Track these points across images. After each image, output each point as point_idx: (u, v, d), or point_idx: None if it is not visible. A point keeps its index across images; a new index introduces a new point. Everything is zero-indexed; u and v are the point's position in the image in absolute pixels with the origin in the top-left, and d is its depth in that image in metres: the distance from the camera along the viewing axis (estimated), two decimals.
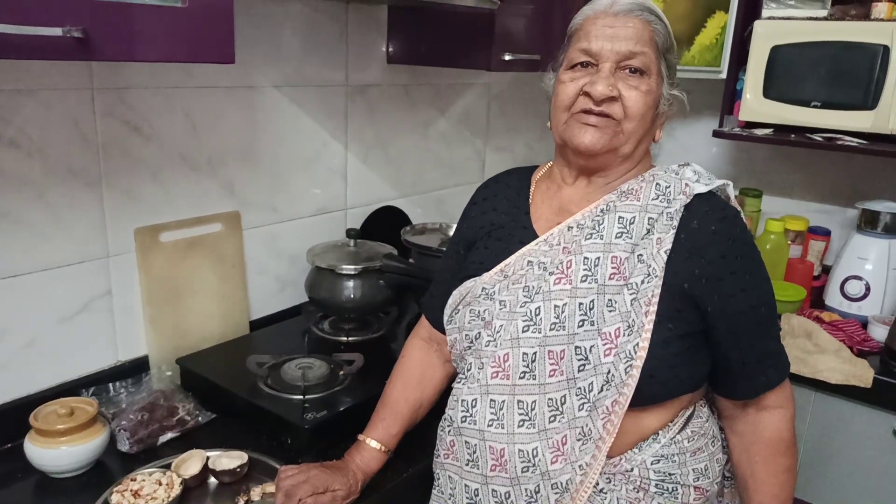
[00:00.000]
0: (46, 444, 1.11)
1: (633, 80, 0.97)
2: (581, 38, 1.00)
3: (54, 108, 1.20)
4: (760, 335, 1.00)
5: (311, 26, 1.60)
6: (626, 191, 1.02)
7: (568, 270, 0.99)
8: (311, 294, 1.58)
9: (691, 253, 0.96)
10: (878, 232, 1.87)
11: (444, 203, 2.12)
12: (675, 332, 0.95)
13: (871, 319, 1.81)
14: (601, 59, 0.98)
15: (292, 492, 1.05)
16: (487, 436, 1.00)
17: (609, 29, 0.97)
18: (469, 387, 1.03)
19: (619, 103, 0.97)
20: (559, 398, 0.97)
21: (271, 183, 1.60)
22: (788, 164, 2.25)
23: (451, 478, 1.06)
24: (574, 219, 1.03)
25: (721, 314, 0.96)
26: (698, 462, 1.01)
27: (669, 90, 1.02)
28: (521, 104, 2.31)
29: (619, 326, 0.94)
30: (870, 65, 1.74)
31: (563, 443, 0.96)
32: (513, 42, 1.62)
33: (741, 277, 0.96)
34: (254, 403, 1.26)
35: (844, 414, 1.66)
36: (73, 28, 0.85)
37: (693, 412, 1.04)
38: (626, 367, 0.93)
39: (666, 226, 0.96)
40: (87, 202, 1.28)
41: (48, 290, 1.25)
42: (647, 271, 0.95)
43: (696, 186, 0.99)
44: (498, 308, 1.02)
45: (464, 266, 1.12)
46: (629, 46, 0.97)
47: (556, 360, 0.97)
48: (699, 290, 0.95)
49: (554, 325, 0.97)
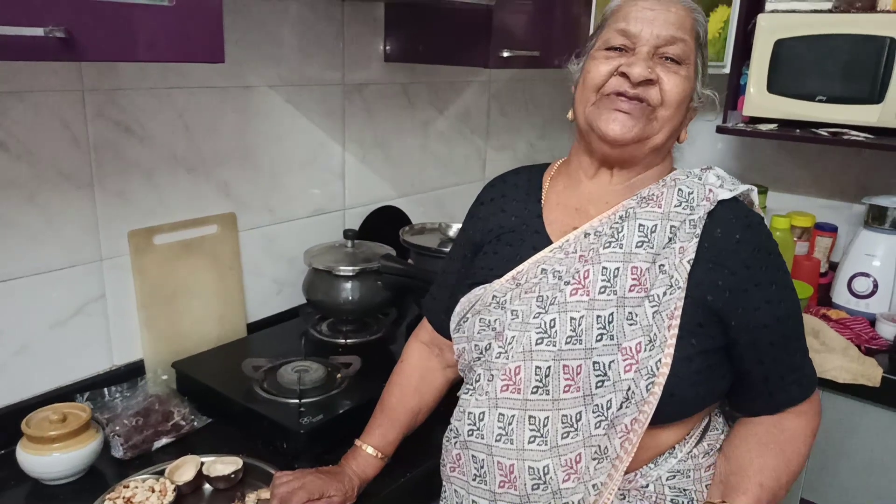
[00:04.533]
0: (38, 451, 1.10)
1: (671, 66, 0.93)
2: (619, 20, 0.95)
3: (44, 111, 1.19)
4: (785, 349, 0.95)
5: (307, 25, 1.58)
6: (646, 196, 0.97)
7: (585, 281, 0.94)
8: (309, 296, 1.56)
9: (715, 263, 0.92)
10: (885, 228, 1.84)
11: (445, 202, 2.10)
12: (697, 348, 0.90)
13: (879, 317, 1.78)
14: (639, 41, 0.92)
15: (287, 498, 1.03)
16: (495, 451, 0.95)
17: (650, 12, 0.93)
18: (477, 398, 0.98)
19: (656, 88, 0.92)
20: (574, 415, 0.91)
21: (268, 184, 1.58)
22: (794, 160, 2.22)
23: (458, 492, 1.02)
24: (591, 225, 0.98)
25: (744, 328, 0.92)
26: (712, 477, 0.98)
27: (702, 87, 0.98)
28: (521, 102, 2.28)
29: (641, 341, 0.89)
30: (876, 57, 1.71)
31: (577, 461, 0.91)
32: (511, 38, 1.59)
33: (766, 289, 0.92)
34: (249, 408, 1.24)
35: (852, 413, 1.64)
36: (56, 28, 0.83)
37: (709, 423, 1.00)
38: (647, 385, 0.88)
39: (689, 234, 0.92)
40: (79, 205, 1.26)
41: (41, 295, 1.24)
42: (669, 282, 0.90)
43: (719, 192, 0.94)
44: (510, 318, 0.97)
45: (471, 271, 1.07)
46: (671, 31, 0.92)
47: (572, 375, 0.92)
48: (722, 302, 0.91)
49: (570, 338, 0.92)
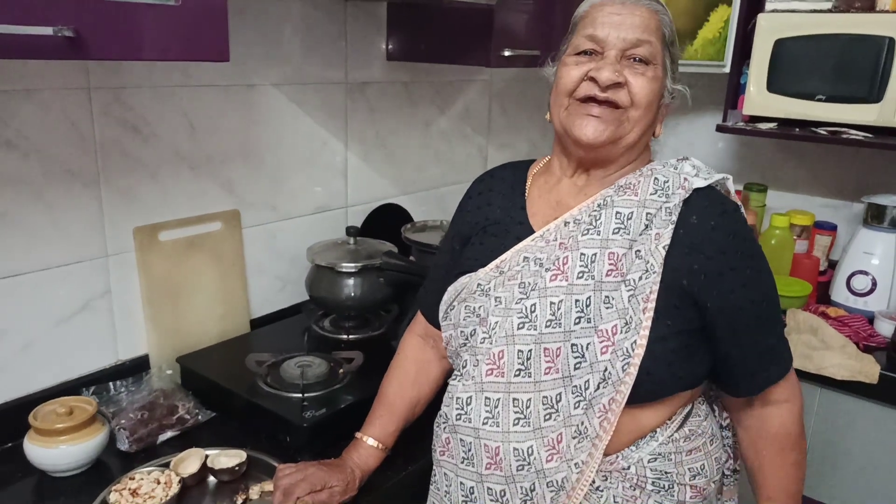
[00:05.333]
0: (46, 444, 1.12)
1: (639, 68, 0.95)
2: (587, 25, 0.98)
3: (51, 109, 1.21)
4: (761, 331, 0.98)
5: (310, 24, 1.59)
6: (623, 185, 1.00)
7: (564, 267, 0.97)
8: (312, 292, 1.58)
9: (690, 249, 0.94)
10: (884, 226, 1.86)
11: (446, 200, 2.11)
12: (672, 329, 0.93)
13: (877, 315, 1.79)
14: (607, 46, 0.96)
15: (290, 490, 1.05)
16: (482, 434, 0.99)
17: (616, 16, 0.96)
18: (464, 384, 1.02)
19: (625, 90, 0.95)
20: (554, 396, 0.95)
21: (271, 181, 1.60)
22: (793, 159, 2.23)
23: (447, 475, 1.05)
24: (571, 214, 1.01)
25: (720, 311, 0.95)
26: (694, 461, 1.00)
27: (672, 84, 1.01)
28: (523, 101, 2.30)
29: (617, 324, 0.93)
30: (875, 57, 1.72)
31: (559, 441, 0.95)
32: (512, 38, 1.61)
33: (741, 273, 0.95)
34: (253, 402, 1.25)
35: (851, 410, 1.65)
36: (64, 27, 0.84)
37: (691, 410, 1.02)
38: (623, 365, 0.92)
39: (664, 221, 0.95)
40: (86, 202, 1.28)
41: (47, 291, 1.26)
42: (644, 267, 0.93)
43: (694, 181, 0.97)
44: (493, 304, 1.01)
45: (459, 262, 1.10)
46: (636, 34, 0.95)
47: (552, 357, 0.95)
48: (698, 286, 0.94)
49: (550, 322, 0.96)
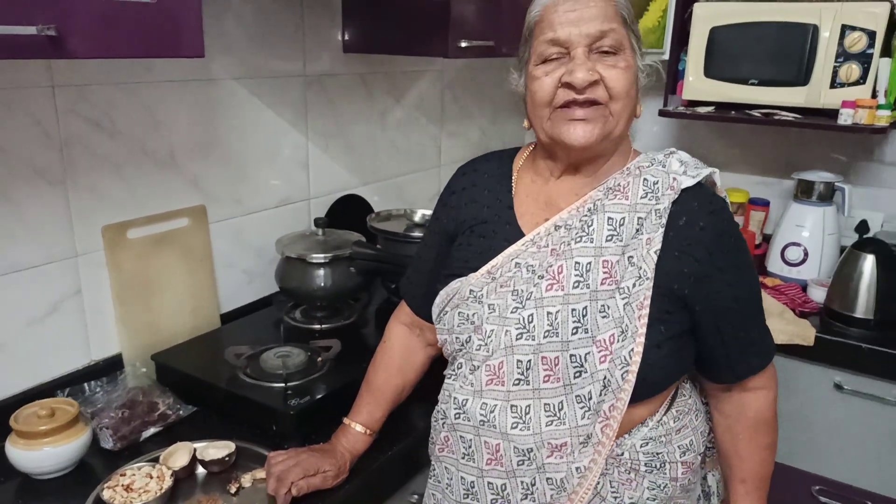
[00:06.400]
0: (28, 446, 1.10)
1: (609, 60, 0.93)
2: (545, 30, 0.95)
3: (15, 107, 1.18)
4: (744, 326, 1.01)
5: (268, 16, 1.60)
6: (612, 187, 0.99)
7: (559, 276, 0.97)
8: (282, 284, 1.59)
9: (680, 252, 0.95)
10: (813, 200, 2.00)
11: (403, 190, 2.15)
12: (665, 335, 0.95)
13: (810, 282, 1.93)
14: (572, 45, 0.93)
15: (284, 475, 1.07)
16: (482, 432, 1.00)
17: (572, 13, 0.93)
18: (462, 385, 1.02)
19: (601, 86, 0.93)
20: (556, 403, 0.96)
21: (235, 175, 1.60)
22: (728, 140, 2.36)
23: (448, 469, 1.06)
24: (561, 217, 1.00)
25: (707, 311, 0.97)
26: (683, 438, 1.04)
27: (642, 61, 0.98)
28: (473, 90, 2.35)
29: (614, 332, 0.93)
30: (802, 43, 1.85)
31: (563, 446, 0.96)
32: (468, 29, 1.65)
33: (728, 273, 0.97)
34: (236, 393, 1.27)
35: (789, 371, 1.78)
36: (47, 27, 0.84)
37: (677, 391, 1.06)
38: (622, 374, 0.92)
39: (655, 224, 0.95)
40: (53, 201, 1.26)
41: (17, 293, 1.24)
42: (637, 274, 0.93)
43: (683, 180, 0.97)
44: (487, 312, 1.00)
45: (448, 262, 1.10)
46: (598, 26, 0.92)
47: (551, 366, 0.96)
48: (688, 289, 0.95)
49: (548, 332, 0.96)
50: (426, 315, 1.14)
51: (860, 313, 1.75)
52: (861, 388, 1.71)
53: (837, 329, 1.76)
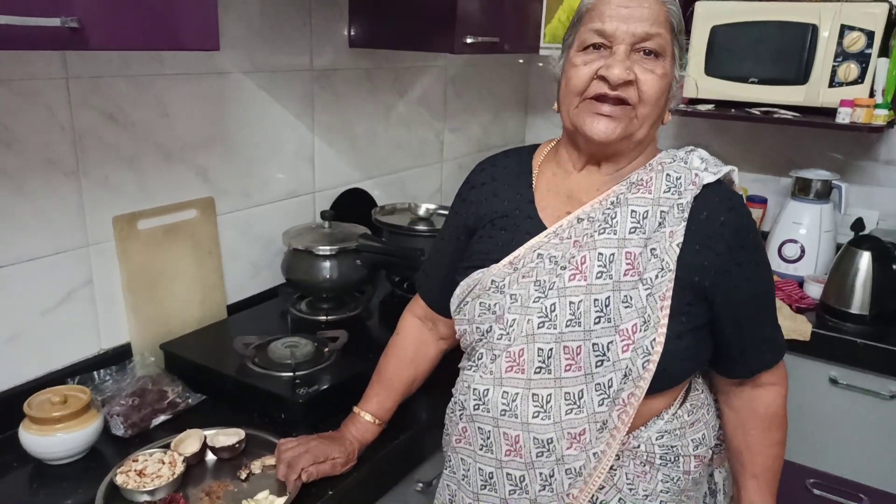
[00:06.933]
0: (42, 432, 1.13)
1: (648, 63, 0.94)
2: (594, 18, 0.95)
3: (30, 98, 1.20)
4: (761, 322, 1.03)
5: (277, 12, 1.61)
6: (635, 182, 1.01)
7: (583, 266, 0.98)
8: (289, 275, 1.61)
9: (701, 245, 0.97)
10: (810, 198, 2.02)
11: (406, 184, 2.17)
12: (687, 326, 0.96)
13: (806, 279, 1.96)
14: (616, 40, 0.94)
15: (294, 462, 1.09)
16: (501, 423, 1.01)
17: (624, 9, 0.93)
18: (481, 375, 1.03)
19: (634, 87, 0.94)
20: (576, 392, 0.97)
21: (243, 168, 1.62)
22: (727, 137, 2.38)
23: (464, 460, 1.07)
24: (584, 210, 1.01)
25: (726, 304, 0.99)
26: (696, 432, 1.06)
27: (681, 71, 1.00)
28: (475, 86, 2.37)
29: (636, 322, 0.95)
30: (801, 43, 1.88)
31: (581, 434, 0.98)
32: (473, 25, 1.67)
33: (747, 268, 0.99)
34: (245, 382, 1.29)
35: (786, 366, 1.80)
36: (70, 18, 0.86)
37: (690, 385, 1.08)
38: (643, 363, 0.94)
39: (677, 218, 0.97)
40: (66, 192, 1.28)
41: (31, 282, 1.25)
42: (660, 265, 0.95)
43: (704, 176, 0.99)
44: (509, 302, 1.01)
45: (468, 255, 1.10)
46: (645, 28, 0.93)
47: (572, 355, 0.97)
48: (708, 281, 0.97)
49: (570, 321, 0.97)
50: (441, 309, 1.17)
51: (856, 309, 1.78)
52: (856, 382, 1.74)
53: (833, 324, 1.79)
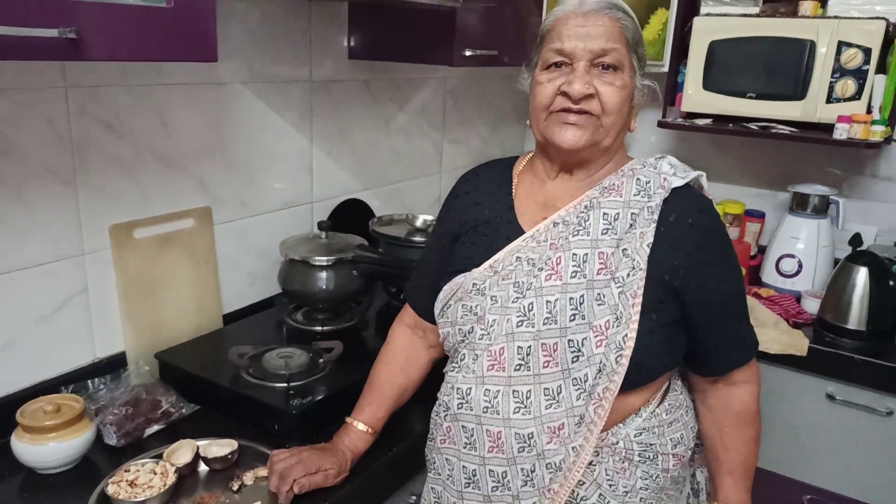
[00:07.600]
0: (34, 441, 1.12)
1: (607, 77, 1.01)
2: (554, 39, 1.03)
3: (28, 108, 1.20)
4: (732, 320, 1.08)
5: (276, 23, 1.62)
6: (607, 186, 1.06)
7: (558, 267, 1.03)
8: (285, 286, 1.61)
9: (671, 246, 1.01)
10: (808, 213, 2.03)
11: (404, 195, 2.17)
12: (658, 322, 1.01)
13: (804, 294, 1.96)
14: (575, 58, 1.01)
15: (286, 473, 1.09)
16: (484, 420, 1.04)
17: (580, 28, 1.01)
18: (464, 375, 1.07)
19: (596, 100, 1.01)
20: (555, 388, 1.01)
21: (241, 178, 1.62)
22: (725, 152, 2.39)
23: (449, 460, 1.10)
24: (559, 214, 1.07)
25: (697, 303, 1.03)
26: (675, 432, 1.09)
27: (641, 81, 1.06)
28: (474, 98, 2.38)
29: (609, 319, 0.99)
30: (798, 58, 1.89)
31: (560, 428, 1.01)
32: (472, 38, 1.68)
33: (716, 268, 1.04)
34: (239, 393, 1.29)
35: (783, 381, 1.81)
36: (67, 29, 0.87)
37: (670, 385, 1.11)
38: (616, 357, 0.98)
39: (647, 220, 1.01)
40: (63, 200, 1.28)
41: (27, 290, 1.25)
42: (631, 265, 1.00)
43: (673, 180, 1.04)
44: (490, 303, 1.06)
45: (452, 260, 1.15)
46: (601, 44, 1.00)
47: (550, 352, 1.01)
48: (678, 280, 1.01)
49: (547, 319, 1.01)
50: (430, 316, 1.19)
51: (853, 325, 1.78)
52: (853, 398, 1.74)
53: (830, 340, 1.79)
